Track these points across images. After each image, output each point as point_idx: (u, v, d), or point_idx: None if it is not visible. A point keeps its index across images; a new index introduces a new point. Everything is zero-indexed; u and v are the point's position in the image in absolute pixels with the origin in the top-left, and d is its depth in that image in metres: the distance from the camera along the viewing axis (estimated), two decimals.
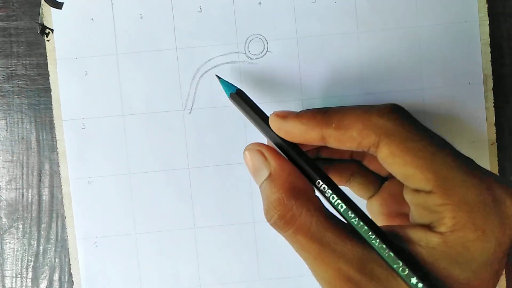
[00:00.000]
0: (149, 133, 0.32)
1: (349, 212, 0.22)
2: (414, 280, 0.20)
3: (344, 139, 0.23)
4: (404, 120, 0.22)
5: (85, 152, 0.32)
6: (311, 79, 0.31)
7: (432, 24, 0.31)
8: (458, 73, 0.31)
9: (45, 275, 0.33)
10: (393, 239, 0.22)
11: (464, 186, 0.21)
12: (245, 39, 0.31)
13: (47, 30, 0.31)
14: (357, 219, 0.22)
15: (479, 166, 0.22)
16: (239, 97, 0.27)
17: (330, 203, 0.23)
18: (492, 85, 0.31)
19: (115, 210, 0.32)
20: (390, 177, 0.28)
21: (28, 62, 0.32)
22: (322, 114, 0.24)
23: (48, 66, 0.31)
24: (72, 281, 0.32)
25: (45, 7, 0.31)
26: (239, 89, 0.28)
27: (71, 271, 0.32)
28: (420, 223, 0.22)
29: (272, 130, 0.25)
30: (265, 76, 0.32)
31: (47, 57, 0.31)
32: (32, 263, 0.33)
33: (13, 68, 0.32)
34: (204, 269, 0.32)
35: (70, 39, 0.31)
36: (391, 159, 0.22)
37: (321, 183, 0.24)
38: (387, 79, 0.31)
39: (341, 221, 0.23)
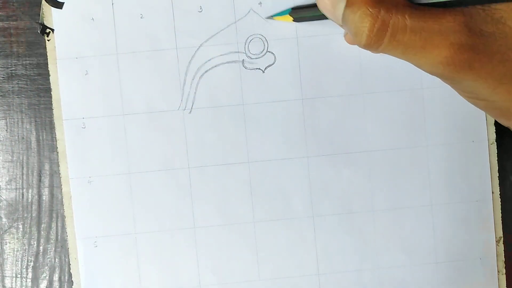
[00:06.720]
0: (149, 132, 0.32)
1: None
2: None
3: None
4: None
5: (85, 152, 0.32)
6: (311, 78, 0.31)
7: None
8: None
9: (45, 275, 0.33)
10: None
11: None
12: (245, 39, 0.31)
13: (48, 30, 0.31)
14: None
15: None
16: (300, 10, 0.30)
17: None
18: None
19: (115, 210, 0.32)
20: None
21: (28, 62, 0.32)
22: None
23: (48, 66, 0.31)
24: (72, 281, 0.32)
25: (45, 7, 0.31)
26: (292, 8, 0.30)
27: (71, 271, 0.32)
28: None
29: None
30: (265, 76, 0.32)
31: (47, 57, 0.31)
32: (32, 263, 0.33)
33: (13, 68, 0.32)
34: (204, 269, 0.32)
35: (70, 39, 0.31)
36: None
37: None
38: (387, 79, 0.32)
39: (430, 4, 0.23)
